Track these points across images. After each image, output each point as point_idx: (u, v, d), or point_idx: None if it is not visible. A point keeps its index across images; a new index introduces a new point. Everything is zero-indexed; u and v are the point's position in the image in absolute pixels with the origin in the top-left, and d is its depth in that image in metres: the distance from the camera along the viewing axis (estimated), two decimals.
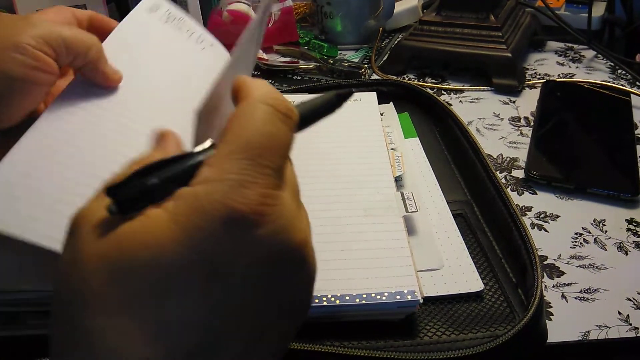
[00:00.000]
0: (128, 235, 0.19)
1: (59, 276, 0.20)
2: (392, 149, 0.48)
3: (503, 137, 0.56)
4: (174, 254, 0.18)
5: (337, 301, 0.33)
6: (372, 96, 0.53)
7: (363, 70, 0.67)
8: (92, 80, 0.35)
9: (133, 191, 0.19)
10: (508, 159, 0.53)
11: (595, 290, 0.38)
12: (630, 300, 0.37)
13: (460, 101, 0.62)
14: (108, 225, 0.19)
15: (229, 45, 0.71)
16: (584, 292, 0.38)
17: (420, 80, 0.67)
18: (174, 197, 0.19)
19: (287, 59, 0.74)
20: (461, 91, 0.64)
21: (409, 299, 0.33)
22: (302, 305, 0.22)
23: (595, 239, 0.43)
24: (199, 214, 0.18)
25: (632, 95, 0.59)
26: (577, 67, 0.68)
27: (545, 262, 0.41)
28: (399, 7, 0.76)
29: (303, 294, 0.22)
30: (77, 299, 0.18)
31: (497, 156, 0.53)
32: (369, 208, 0.40)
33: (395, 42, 0.76)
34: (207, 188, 0.19)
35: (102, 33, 0.38)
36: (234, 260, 0.19)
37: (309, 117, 0.25)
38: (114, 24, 0.40)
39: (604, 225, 0.44)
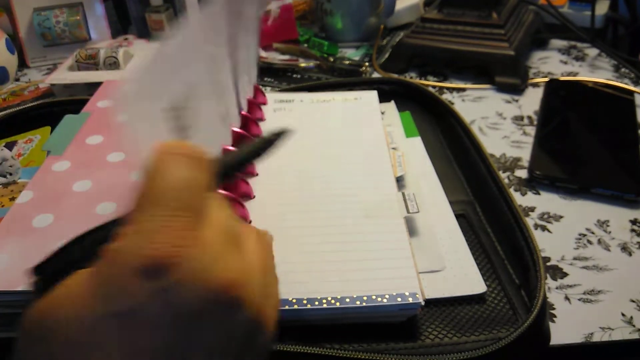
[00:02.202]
0: (54, 294, 0.20)
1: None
2: (393, 148, 0.47)
3: (506, 137, 0.55)
4: (90, 307, 0.19)
5: (337, 303, 0.32)
6: (373, 95, 0.53)
7: (364, 68, 0.66)
8: None
9: (57, 265, 0.21)
10: (511, 158, 0.52)
11: (598, 291, 0.38)
12: (634, 301, 0.37)
13: (463, 100, 0.62)
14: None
15: None
16: (588, 293, 0.38)
17: (422, 78, 0.67)
18: (99, 256, 0.20)
19: (287, 57, 0.73)
20: (463, 90, 0.64)
21: (410, 301, 0.32)
22: (245, 348, 0.22)
23: (599, 239, 0.42)
24: (113, 266, 0.19)
25: (635, 94, 0.59)
26: (580, 66, 0.68)
27: (548, 264, 0.40)
28: (400, 5, 0.76)
29: (242, 337, 0.21)
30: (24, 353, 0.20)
31: (500, 156, 0.52)
32: (370, 209, 0.39)
33: (397, 40, 0.75)
34: (121, 241, 0.19)
35: None
36: (148, 307, 0.19)
37: (240, 155, 0.26)
38: None
39: (608, 225, 0.44)
